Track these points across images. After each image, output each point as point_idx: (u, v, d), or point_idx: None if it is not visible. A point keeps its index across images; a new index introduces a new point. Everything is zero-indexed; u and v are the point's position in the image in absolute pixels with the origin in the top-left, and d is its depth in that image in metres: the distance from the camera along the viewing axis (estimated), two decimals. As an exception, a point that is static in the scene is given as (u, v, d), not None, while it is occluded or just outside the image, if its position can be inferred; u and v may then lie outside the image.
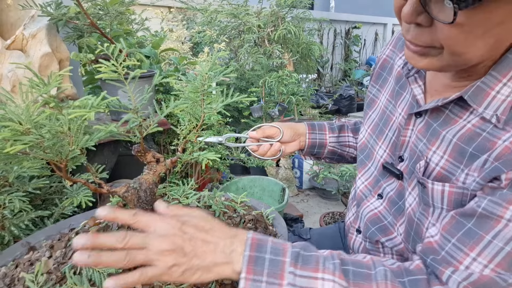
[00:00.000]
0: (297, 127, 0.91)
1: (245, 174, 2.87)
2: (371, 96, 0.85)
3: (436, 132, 0.61)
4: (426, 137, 0.63)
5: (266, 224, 0.64)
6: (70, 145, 0.45)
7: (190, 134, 0.62)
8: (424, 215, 0.61)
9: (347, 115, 5.44)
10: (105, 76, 0.46)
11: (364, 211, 0.79)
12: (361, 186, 0.81)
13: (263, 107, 2.77)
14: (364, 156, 0.83)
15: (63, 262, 0.51)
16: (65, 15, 1.27)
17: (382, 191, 0.75)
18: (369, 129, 0.82)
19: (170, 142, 1.92)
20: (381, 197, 0.76)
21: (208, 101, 0.61)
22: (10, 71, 1.18)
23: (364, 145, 0.83)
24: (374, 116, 0.82)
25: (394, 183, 0.72)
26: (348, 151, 0.97)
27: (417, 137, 0.65)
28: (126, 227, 0.56)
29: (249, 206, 0.71)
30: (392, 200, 0.72)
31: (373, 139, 0.80)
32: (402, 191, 0.70)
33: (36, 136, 0.41)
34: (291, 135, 0.88)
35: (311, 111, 3.65)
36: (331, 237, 0.98)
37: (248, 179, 2.10)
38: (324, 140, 0.94)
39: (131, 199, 0.55)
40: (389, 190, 0.74)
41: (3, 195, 0.76)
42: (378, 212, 0.75)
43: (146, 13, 2.43)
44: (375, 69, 0.86)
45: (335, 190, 1.79)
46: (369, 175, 0.80)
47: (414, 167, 0.63)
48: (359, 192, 0.81)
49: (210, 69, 0.62)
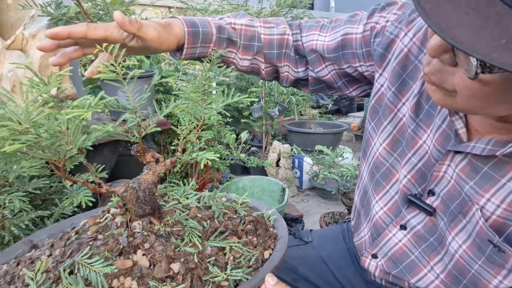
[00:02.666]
0: (169, 30, 0.67)
1: (245, 174, 2.88)
2: (385, 101, 0.72)
3: (492, 178, 0.55)
4: (474, 180, 0.57)
5: (267, 226, 0.64)
6: (68, 145, 0.45)
7: (190, 135, 0.62)
8: (488, 271, 0.57)
9: (347, 115, 5.44)
10: (103, 76, 0.46)
11: (387, 244, 0.73)
12: (380, 212, 0.74)
13: (263, 107, 2.77)
14: (381, 175, 0.74)
15: (62, 261, 0.51)
16: (65, 15, 1.27)
17: (405, 223, 0.69)
18: (385, 144, 0.72)
19: (170, 142, 1.92)
20: (404, 228, 0.69)
21: (209, 101, 0.61)
22: (10, 71, 1.18)
23: (379, 162, 0.74)
24: (391, 129, 0.72)
25: (421, 216, 0.67)
26: (228, 65, 0.78)
27: (460, 177, 0.59)
28: (124, 228, 0.56)
29: (250, 207, 0.70)
30: (421, 235, 0.67)
31: (394, 158, 0.71)
32: (434, 228, 0.65)
33: (34, 136, 0.41)
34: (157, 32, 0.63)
35: (311, 111, 3.65)
36: (333, 239, 0.95)
37: (248, 179, 2.10)
38: (204, 53, 0.74)
39: (130, 199, 0.55)
40: (414, 223, 0.68)
41: (3, 195, 0.76)
42: (403, 245, 0.70)
43: (146, 13, 2.43)
44: (390, 60, 0.71)
45: (335, 190, 1.79)
46: (388, 199, 0.72)
47: (458, 210, 0.59)
48: (378, 219, 0.74)
49: (210, 69, 0.62)
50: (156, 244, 0.52)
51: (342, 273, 0.87)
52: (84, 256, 0.49)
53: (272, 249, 0.58)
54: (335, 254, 0.90)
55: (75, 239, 0.55)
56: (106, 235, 0.54)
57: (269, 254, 0.56)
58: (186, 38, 0.69)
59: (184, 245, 0.53)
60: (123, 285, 0.47)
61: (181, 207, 0.62)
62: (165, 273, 0.48)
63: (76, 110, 0.41)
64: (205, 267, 0.51)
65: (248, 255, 0.55)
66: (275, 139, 3.04)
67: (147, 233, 0.54)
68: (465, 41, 0.35)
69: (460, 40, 0.35)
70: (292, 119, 3.54)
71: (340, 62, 0.78)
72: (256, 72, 0.83)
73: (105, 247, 0.51)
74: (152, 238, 0.53)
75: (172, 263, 0.50)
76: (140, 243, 0.52)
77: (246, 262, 0.53)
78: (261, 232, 0.61)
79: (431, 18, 0.37)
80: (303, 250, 0.91)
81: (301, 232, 0.97)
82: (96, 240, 0.54)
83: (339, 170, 1.73)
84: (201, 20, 0.72)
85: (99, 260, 0.48)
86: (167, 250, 0.52)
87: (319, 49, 0.79)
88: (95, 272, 0.46)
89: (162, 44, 0.65)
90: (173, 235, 0.55)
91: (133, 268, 0.49)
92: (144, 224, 0.56)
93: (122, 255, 0.51)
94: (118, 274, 0.48)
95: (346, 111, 5.54)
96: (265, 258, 0.55)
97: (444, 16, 0.37)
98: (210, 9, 2.78)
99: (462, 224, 0.59)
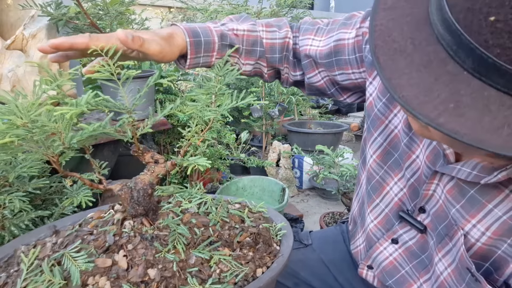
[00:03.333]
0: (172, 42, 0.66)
1: (245, 174, 2.88)
2: (375, 111, 0.71)
3: (478, 203, 0.54)
4: (460, 203, 0.56)
5: (271, 241, 0.58)
6: (61, 141, 0.46)
7: (194, 137, 0.61)
8: None
9: (347, 115, 5.44)
10: (99, 76, 0.47)
11: (378, 257, 0.72)
12: (371, 224, 0.73)
13: (263, 107, 2.77)
14: (371, 188, 0.73)
15: (57, 250, 0.51)
16: (65, 15, 1.27)
17: (397, 237, 0.68)
18: (375, 156, 0.71)
19: (170, 142, 1.92)
20: (396, 242, 0.69)
21: (218, 103, 0.60)
22: (10, 71, 1.18)
23: (369, 174, 0.73)
24: (382, 141, 0.70)
25: (413, 232, 0.66)
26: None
27: (447, 199, 0.58)
28: (117, 226, 0.55)
29: (265, 217, 0.65)
30: (413, 252, 0.66)
31: (385, 171, 0.70)
32: (426, 245, 0.64)
33: (27, 130, 0.42)
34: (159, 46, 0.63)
35: (311, 111, 3.65)
36: (333, 241, 0.94)
37: (248, 179, 2.10)
38: (208, 62, 0.74)
39: (125, 198, 0.55)
40: (406, 238, 0.67)
41: (3, 195, 0.76)
42: (394, 259, 0.70)
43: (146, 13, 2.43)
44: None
45: (335, 190, 1.79)
46: (379, 213, 0.72)
47: (445, 232, 0.58)
48: (369, 231, 0.74)
49: (222, 69, 0.60)
50: (139, 247, 0.51)
51: (344, 276, 0.86)
52: (73, 249, 0.49)
53: (268, 267, 0.53)
54: (336, 257, 0.89)
55: (75, 231, 0.56)
56: (99, 231, 0.54)
57: (261, 272, 0.51)
58: (188, 49, 0.68)
59: (167, 251, 0.51)
60: (98, 284, 0.46)
61: (179, 211, 0.59)
62: (140, 277, 0.47)
63: (65, 108, 0.41)
64: (184, 277, 0.48)
65: (236, 270, 0.50)
66: (275, 139, 3.04)
67: (133, 234, 0.53)
68: (413, 102, 0.34)
69: (408, 100, 0.35)
70: (292, 119, 3.54)
71: (332, 69, 0.77)
72: (259, 75, 0.83)
73: (94, 243, 0.51)
74: (137, 240, 0.52)
75: (150, 268, 0.48)
76: (125, 243, 0.51)
77: (232, 277, 0.49)
78: (261, 247, 0.56)
79: (384, 72, 0.37)
80: (303, 253, 0.90)
81: (301, 234, 0.96)
82: (91, 235, 0.54)
83: (339, 170, 1.72)
84: (202, 28, 0.71)
85: (83, 255, 0.48)
86: (147, 254, 0.50)
87: (312, 54, 0.78)
88: (75, 267, 0.46)
89: (164, 57, 0.64)
90: (158, 239, 0.53)
91: (112, 268, 0.48)
92: (134, 225, 0.55)
93: (106, 253, 0.50)
94: (95, 272, 0.47)
95: (346, 111, 5.54)
96: (256, 276, 0.50)
97: (396, 72, 0.37)
98: (210, 9, 2.78)
99: (448, 247, 0.58)
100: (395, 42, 0.38)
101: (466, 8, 0.33)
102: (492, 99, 0.33)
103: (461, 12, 0.34)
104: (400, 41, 0.38)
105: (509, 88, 0.33)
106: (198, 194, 0.65)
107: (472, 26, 0.33)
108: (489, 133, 0.32)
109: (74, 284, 0.44)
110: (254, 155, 2.85)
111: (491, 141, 0.32)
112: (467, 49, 0.33)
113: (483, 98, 0.33)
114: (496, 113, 0.33)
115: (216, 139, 1.99)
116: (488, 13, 0.32)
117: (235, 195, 2.01)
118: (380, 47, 0.39)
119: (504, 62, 0.32)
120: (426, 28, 0.38)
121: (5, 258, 0.55)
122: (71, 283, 0.45)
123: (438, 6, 0.36)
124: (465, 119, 0.33)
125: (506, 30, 0.31)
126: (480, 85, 0.34)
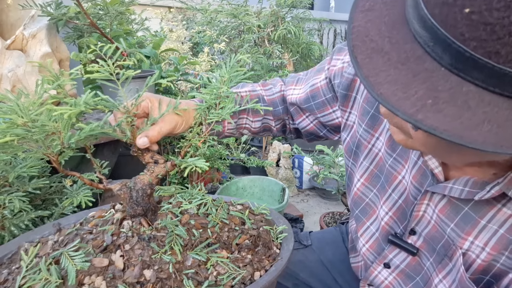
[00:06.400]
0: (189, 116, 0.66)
1: (245, 174, 2.87)
2: (358, 137, 0.71)
3: (472, 219, 0.53)
4: (454, 222, 0.55)
5: (271, 244, 0.58)
6: (60, 141, 0.46)
7: (195, 138, 0.61)
8: None
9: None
10: (98, 75, 0.47)
11: (375, 280, 0.72)
12: (363, 248, 0.74)
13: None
14: (360, 211, 0.73)
15: (57, 249, 0.51)
16: (65, 15, 1.27)
17: (388, 261, 0.68)
18: (362, 179, 0.72)
19: (170, 142, 1.92)
20: (388, 267, 0.69)
21: (222, 105, 0.60)
22: (10, 71, 1.18)
23: (358, 197, 0.73)
24: (367, 164, 0.71)
25: (403, 255, 0.66)
26: (242, 132, 0.84)
27: (440, 219, 0.57)
28: (118, 226, 0.56)
29: (267, 220, 0.65)
30: (407, 274, 0.66)
31: (374, 193, 0.70)
32: (419, 267, 0.63)
33: (27, 129, 0.42)
34: (173, 125, 0.62)
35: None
36: (332, 242, 0.94)
37: (248, 179, 2.10)
38: (221, 131, 0.79)
39: (124, 197, 0.55)
40: (397, 262, 0.67)
41: (3, 195, 0.76)
42: (390, 283, 0.70)
43: (146, 13, 2.43)
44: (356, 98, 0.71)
45: (335, 190, 1.79)
46: (370, 236, 0.72)
47: (444, 252, 0.57)
48: (363, 254, 0.74)
49: (229, 72, 0.61)
50: (136, 247, 0.51)
51: (344, 278, 0.86)
52: (72, 248, 0.49)
53: (266, 270, 0.52)
54: (336, 258, 0.89)
55: (76, 229, 0.56)
56: (98, 230, 0.54)
57: (259, 275, 0.51)
58: None
59: (164, 253, 0.50)
60: (93, 283, 0.46)
61: (179, 212, 0.59)
62: (136, 278, 0.47)
63: (65, 107, 0.42)
64: (180, 279, 0.48)
65: (234, 273, 0.50)
66: (275, 139, 3.04)
67: (131, 234, 0.53)
68: (391, 99, 0.34)
69: (387, 97, 0.34)
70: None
71: (314, 112, 0.81)
72: (268, 130, 0.87)
73: (92, 242, 0.51)
74: (134, 240, 0.52)
75: (146, 269, 0.48)
76: (122, 243, 0.51)
77: (229, 280, 0.49)
78: (261, 250, 0.56)
79: (362, 70, 0.37)
80: (302, 254, 0.90)
81: (300, 234, 0.95)
82: (91, 234, 0.54)
83: (339, 170, 1.72)
84: None
85: (81, 254, 0.48)
86: (144, 255, 0.50)
87: (294, 101, 0.82)
88: (72, 266, 0.46)
89: (176, 132, 0.65)
90: (155, 240, 0.53)
91: (108, 268, 0.48)
92: (133, 225, 0.55)
93: (103, 253, 0.50)
94: (92, 272, 0.47)
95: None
96: (254, 279, 0.50)
97: (374, 70, 0.36)
98: (210, 9, 2.78)
99: (449, 268, 0.58)
100: (373, 41, 0.38)
101: (441, 2, 0.33)
102: (471, 95, 0.33)
103: (436, 6, 0.33)
104: (377, 40, 0.38)
105: (488, 84, 0.32)
106: (199, 195, 0.64)
107: (447, 20, 0.32)
108: (468, 129, 0.31)
109: (70, 283, 0.44)
110: (254, 155, 2.85)
111: (471, 137, 0.31)
112: (444, 44, 0.33)
113: (461, 94, 0.33)
114: (476, 109, 0.32)
115: (216, 140, 1.99)
116: (463, 5, 0.31)
117: (235, 195, 2.01)
118: (358, 47, 0.38)
119: (482, 56, 0.31)
120: (403, 27, 0.38)
121: (9, 254, 0.56)
122: (67, 282, 0.45)
123: (414, 3, 0.36)
124: (444, 115, 0.32)
125: (482, 21, 0.30)
126: (458, 81, 0.33)
